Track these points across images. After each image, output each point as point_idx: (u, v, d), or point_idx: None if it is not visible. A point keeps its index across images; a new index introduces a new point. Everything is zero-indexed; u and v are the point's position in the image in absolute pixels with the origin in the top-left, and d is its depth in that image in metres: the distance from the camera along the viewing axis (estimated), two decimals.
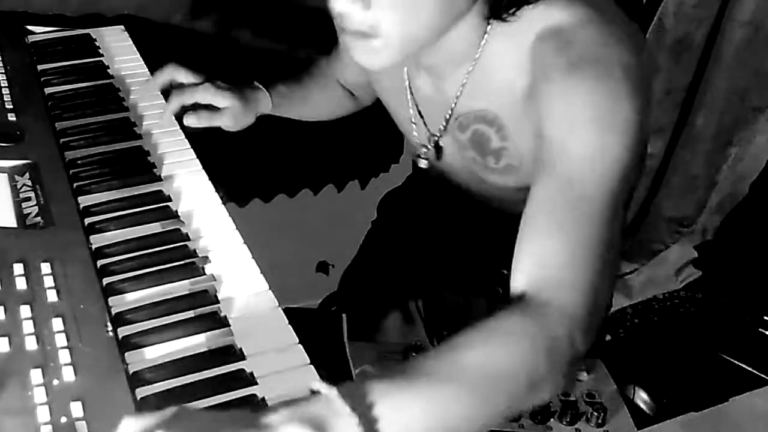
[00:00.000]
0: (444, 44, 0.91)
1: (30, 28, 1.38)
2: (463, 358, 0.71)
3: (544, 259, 0.79)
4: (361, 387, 0.66)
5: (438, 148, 1.09)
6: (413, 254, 1.33)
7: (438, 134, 1.07)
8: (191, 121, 1.14)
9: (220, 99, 1.16)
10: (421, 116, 1.09)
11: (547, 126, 0.85)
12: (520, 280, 0.79)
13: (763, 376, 1.57)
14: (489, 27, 0.91)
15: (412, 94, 1.08)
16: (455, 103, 1.01)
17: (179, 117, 1.16)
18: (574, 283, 0.77)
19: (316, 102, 1.31)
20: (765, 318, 1.81)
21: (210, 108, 1.16)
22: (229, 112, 1.17)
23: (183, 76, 1.18)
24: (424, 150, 1.09)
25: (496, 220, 1.18)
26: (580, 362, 0.78)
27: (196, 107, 1.16)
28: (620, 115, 0.83)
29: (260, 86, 1.22)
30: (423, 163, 1.11)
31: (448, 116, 1.03)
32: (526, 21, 0.89)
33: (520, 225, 0.83)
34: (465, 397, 0.70)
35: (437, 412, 0.68)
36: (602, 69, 0.84)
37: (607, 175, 0.82)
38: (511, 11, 0.88)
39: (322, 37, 1.63)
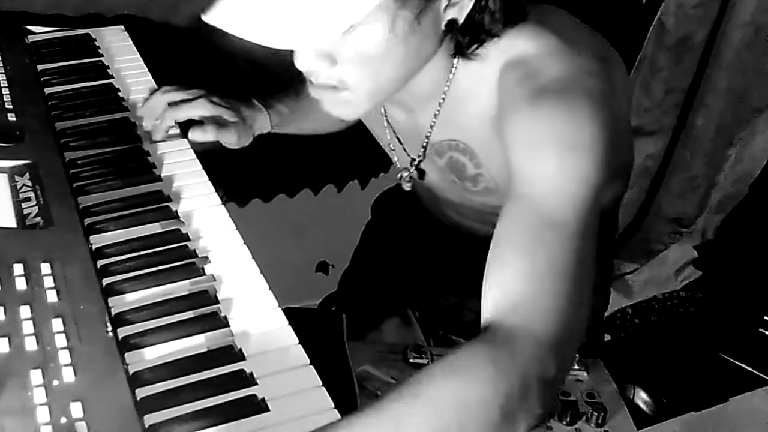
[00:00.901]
0: (413, 82, 0.91)
1: (30, 28, 1.38)
2: (425, 393, 0.69)
3: (510, 287, 0.78)
4: None
5: (420, 171, 1.10)
6: (406, 255, 1.33)
7: (417, 158, 1.07)
8: (197, 135, 1.10)
9: (217, 116, 1.12)
10: (401, 143, 1.09)
11: (511, 155, 0.85)
12: (488, 309, 0.78)
13: (763, 376, 1.57)
14: (456, 62, 0.92)
15: (389, 122, 1.08)
16: (429, 134, 1.02)
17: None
18: (542, 310, 0.76)
19: (317, 115, 1.29)
20: (765, 318, 1.81)
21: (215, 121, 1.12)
22: (234, 127, 1.13)
23: (174, 95, 1.13)
24: (407, 172, 1.10)
25: (486, 224, 1.18)
26: (557, 387, 0.77)
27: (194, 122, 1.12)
28: (583, 137, 0.82)
29: (260, 105, 1.18)
30: (407, 186, 1.12)
31: (424, 144, 1.03)
32: (492, 53, 0.89)
33: (489, 251, 0.81)
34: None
35: None
36: (564, 96, 0.84)
37: (573, 199, 0.81)
38: (474, 49, 0.89)
39: None
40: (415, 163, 1.08)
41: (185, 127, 1.14)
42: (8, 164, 1.02)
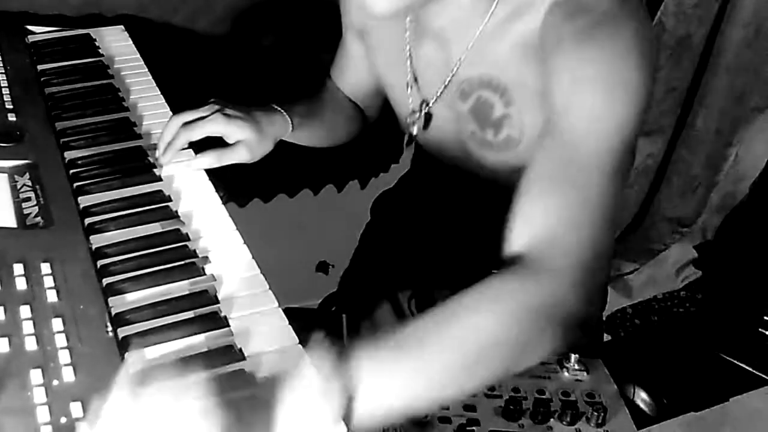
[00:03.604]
0: (453, 7, 0.91)
1: (30, 28, 1.38)
2: (453, 328, 0.73)
3: (543, 220, 0.81)
4: (353, 359, 0.70)
5: (428, 118, 1.08)
6: (406, 255, 1.33)
7: (432, 100, 1.06)
8: (199, 163, 1.06)
9: (233, 130, 1.06)
10: (416, 82, 1.07)
11: (554, 89, 0.86)
12: (516, 240, 0.81)
13: (763, 376, 1.57)
14: None
15: (411, 59, 1.06)
16: (458, 68, 1.00)
17: None
18: (572, 243, 0.79)
19: (331, 122, 1.25)
20: (765, 318, 1.81)
21: (221, 141, 1.07)
22: (243, 145, 1.06)
23: (188, 116, 1.07)
24: (415, 116, 1.08)
25: (486, 212, 1.17)
26: (579, 321, 0.79)
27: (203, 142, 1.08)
28: (629, 80, 0.84)
29: (278, 108, 1.13)
30: (415, 129, 1.09)
31: (447, 81, 1.02)
32: None
33: (519, 186, 0.84)
34: (452, 366, 0.72)
35: (423, 381, 0.72)
36: (614, 32, 0.85)
37: (610, 138, 0.84)
38: None
39: (324, 35, 1.63)
40: (427, 104, 1.06)
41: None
42: (8, 164, 1.02)
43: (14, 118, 1.12)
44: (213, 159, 1.06)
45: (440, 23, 0.97)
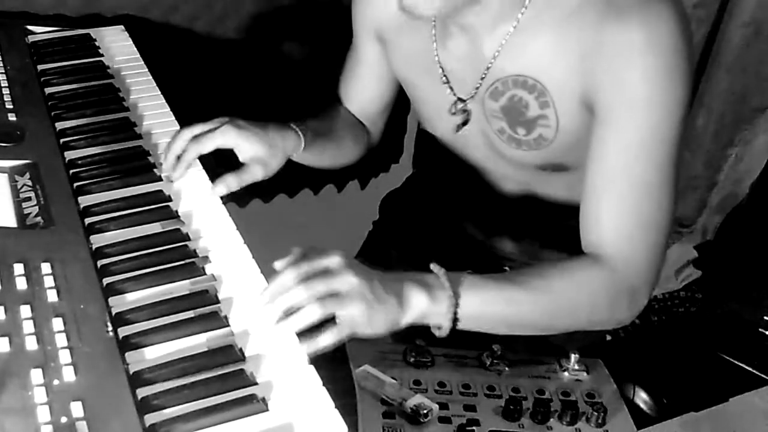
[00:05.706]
0: (485, 1, 0.91)
1: (30, 28, 1.38)
2: (544, 281, 0.90)
3: (619, 221, 0.91)
4: (461, 276, 0.88)
5: (465, 112, 1.06)
6: (414, 254, 1.33)
7: (467, 97, 1.04)
8: (221, 190, 1.02)
9: (244, 143, 1.02)
10: (448, 81, 1.06)
11: (607, 89, 0.90)
12: (595, 236, 0.93)
13: (763, 376, 1.57)
14: None
15: (438, 57, 1.05)
16: (491, 65, 0.99)
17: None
18: (643, 245, 0.92)
19: (339, 143, 1.21)
20: (765, 318, 1.81)
21: (233, 161, 1.04)
22: (256, 162, 1.04)
23: (198, 129, 1.03)
24: (457, 107, 1.07)
25: (501, 210, 1.17)
26: (643, 306, 0.98)
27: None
28: (681, 96, 0.89)
29: (292, 125, 1.09)
30: (459, 119, 1.07)
31: (482, 77, 1.00)
32: None
33: (586, 183, 0.93)
34: (537, 308, 0.90)
35: (510, 310, 0.89)
36: (653, 15, 0.87)
37: (671, 138, 0.89)
38: None
39: (324, 35, 1.63)
40: (463, 102, 1.05)
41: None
42: (8, 164, 1.03)
43: (14, 118, 1.12)
44: (233, 182, 1.03)
45: (472, 19, 0.95)
